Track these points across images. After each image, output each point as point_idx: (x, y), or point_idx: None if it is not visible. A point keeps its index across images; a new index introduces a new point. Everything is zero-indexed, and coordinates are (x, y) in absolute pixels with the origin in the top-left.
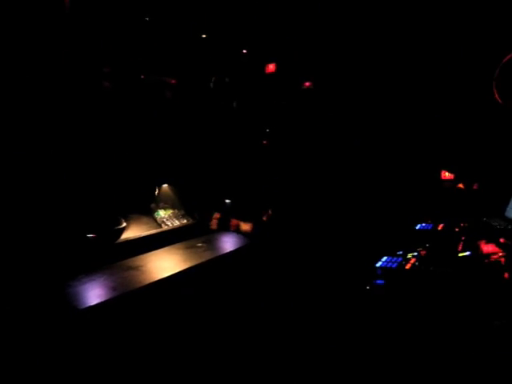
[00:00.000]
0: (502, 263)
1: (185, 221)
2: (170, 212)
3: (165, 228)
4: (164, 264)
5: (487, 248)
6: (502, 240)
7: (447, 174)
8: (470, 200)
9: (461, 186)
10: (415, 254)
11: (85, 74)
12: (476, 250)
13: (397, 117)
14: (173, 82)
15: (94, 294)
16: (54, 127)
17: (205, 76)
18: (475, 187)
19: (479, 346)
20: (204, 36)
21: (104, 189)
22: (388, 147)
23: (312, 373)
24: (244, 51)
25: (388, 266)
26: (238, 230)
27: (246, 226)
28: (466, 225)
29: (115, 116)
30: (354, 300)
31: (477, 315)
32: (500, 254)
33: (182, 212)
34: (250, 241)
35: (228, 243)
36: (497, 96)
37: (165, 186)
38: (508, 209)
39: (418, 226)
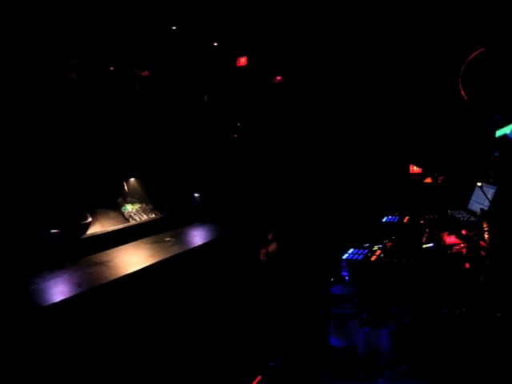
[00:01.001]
0: (464, 254)
1: (153, 215)
2: (137, 206)
3: (132, 222)
4: (131, 259)
5: (450, 239)
6: (463, 232)
7: (415, 167)
8: (437, 193)
9: (429, 180)
10: (381, 246)
11: (49, 64)
12: (439, 241)
13: (365, 112)
14: (144, 74)
15: (57, 290)
16: (14, 119)
17: (176, 68)
18: (440, 181)
19: (440, 334)
20: (174, 28)
21: (68, 183)
22: (356, 142)
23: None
24: (215, 44)
25: (354, 258)
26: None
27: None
28: (432, 217)
29: (80, 108)
30: (320, 291)
31: (439, 304)
32: (462, 245)
33: (151, 206)
34: (219, 234)
35: (197, 237)
36: (462, 92)
37: (132, 179)
38: (471, 201)
39: (384, 219)
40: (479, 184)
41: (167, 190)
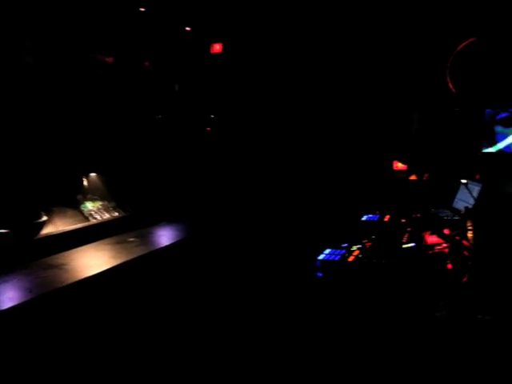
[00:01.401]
0: (446, 254)
1: (116, 214)
2: (98, 204)
3: (93, 222)
4: (91, 261)
5: (432, 239)
6: (446, 231)
7: (400, 164)
8: (421, 191)
9: (413, 177)
10: (360, 246)
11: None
12: (420, 241)
13: (346, 105)
14: (108, 60)
15: (6, 297)
16: None
17: (144, 55)
18: (425, 178)
19: (421, 336)
20: (142, 10)
21: (20, 178)
22: (337, 136)
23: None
24: (187, 29)
25: (330, 258)
26: None
27: None
28: (414, 216)
29: (35, 95)
30: (291, 293)
31: (419, 306)
32: (444, 245)
33: (113, 204)
34: (187, 234)
35: (164, 237)
36: (450, 85)
37: (93, 175)
38: (456, 200)
39: (364, 218)
40: (464, 181)
41: (132, 187)
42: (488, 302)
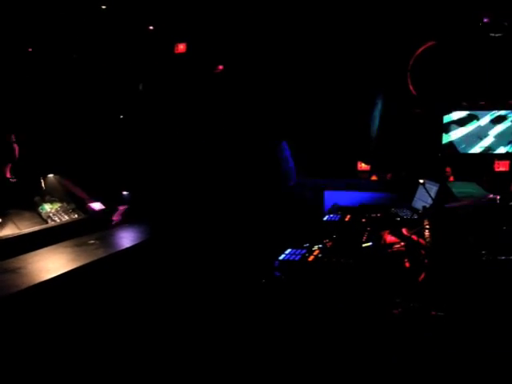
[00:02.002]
0: (404, 252)
1: (75, 216)
2: (57, 206)
3: (51, 224)
4: (48, 265)
5: (390, 238)
6: (404, 230)
7: (363, 165)
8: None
9: (374, 177)
10: (321, 245)
11: None
12: (379, 240)
13: (310, 106)
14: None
15: None
16: None
17: (107, 53)
18: (387, 178)
19: (379, 334)
20: (104, 7)
21: None
22: (299, 136)
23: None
24: (151, 28)
25: (291, 258)
26: None
27: None
28: (374, 216)
29: None
30: (249, 294)
31: (376, 304)
32: (402, 244)
33: (73, 206)
34: (149, 236)
35: (125, 239)
36: (411, 87)
37: (51, 176)
38: (415, 199)
39: (325, 218)
40: (421, 181)
41: (91, 188)
42: (442, 298)
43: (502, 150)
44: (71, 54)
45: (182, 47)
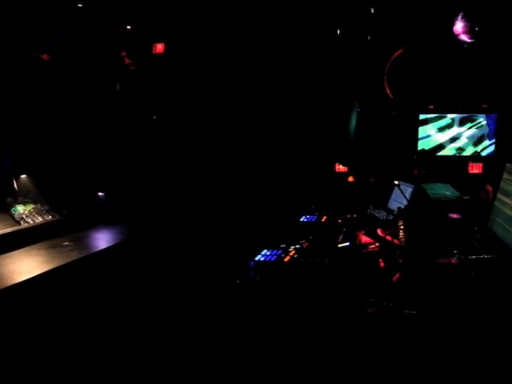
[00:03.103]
0: (379, 252)
1: (49, 217)
2: (30, 207)
3: (24, 225)
4: (20, 267)
5: (366, 238)
6: (379, 230)
7: (341, 166)
8: (360, 192)
9: (351, 178)
10: (298, 246)
11: None
12: (355, 240)
13: (288, 107)
14: (44, 57)
15: None
16: None
17: (82, 52)
18: (364, 179)
19: (353, 334)
20: (80, 5)
21: None
22: (276, 139)
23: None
24: (129, 27)
25: (267, 259)
26: None
27: None
28: (350, 216)
29: None
30: (224, 294)
31: (351, 304)
32: (377, 244)
33: (47, 207)
34: (126, 237)
35: (101, 240)
36: (388, 90)
37: (24, 176)
38: (390, 200)
39: (302, 218)
40: (396, 182)
41: (66, 189)
42: (414, 297)
43: (473, 152)
44: (45, 52)
45: (160, 47)
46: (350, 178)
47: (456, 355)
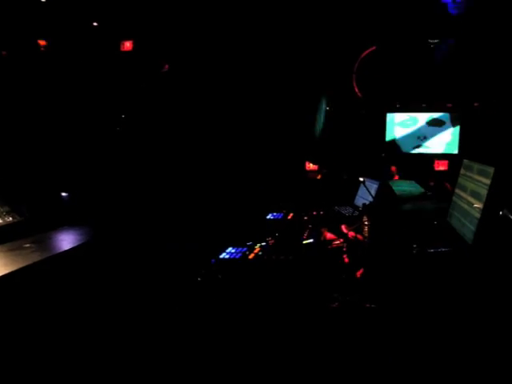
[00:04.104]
0: (344, 248)
1: (10, 218)
2: None
3: None
4: None
5: (330, 235)
6: (343, 226)
7: (311, 165)
8: (327, 189)
9: (319, 176)
10: (264, 243)
11: None
12: (319, 236)
13: (256, 106)
14: (3, 53)
15: None
16: None
17: (45, 49)
18: (331, 177)
19: (317, 329)
20: (43, 0)
21: None
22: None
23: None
24: (95, 24)
25: (232, 256)
26: None
27: None
28: (316, 213)
29: None
30: (184, 293)
31: (315, 299)
32: (342, 240)
33: (7, 208)
34: (88, 238)
35: (65, 241)
36: (356, 89)
37: None
38: (357, 197)
39: (269, 216)
40: (361, 179)
41: (28, 189)
42: (375, 292)
43: (439, 150)
44: (2, 48)
45: (128, 45)
46: (319, 176)
47: (414, 346)
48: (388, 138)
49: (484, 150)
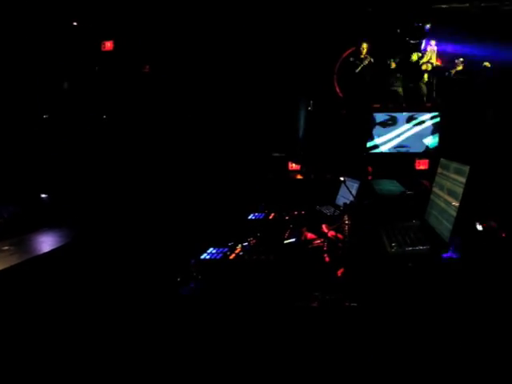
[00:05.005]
0: (324, 248)
1: None
2: None
3: None
4: None
5: (311, 234)
6: (324, 226)
7: (294, 165)
8: (309, 189)
9: (299, 176)
10: (245, 243)
11: None
12: (300, 236)
13: (238, 109)
14: None
15: None
16: None
17: (25, 49)
18: (314, 176)
19: (297, 328)
20: None
21: None
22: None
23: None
24: (75, 24)
25: (212, 257)
26: None
27: None
28: (297, 213)
29: None
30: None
31: (295, 299)
32: (322, 239)
33: None
34: (69, 240)
35: (44, 243)
36: (337, 89)
37: None
38: (338, 196)
39: (250, 216)
40: (342, 179)
41: (7, 191)
42: (356, 290)
43: (419, 149)
44: None
45: (109, 45)
46: (299, 176)
47: (394, 344)
48: (369, 137)
49: (462, 149)
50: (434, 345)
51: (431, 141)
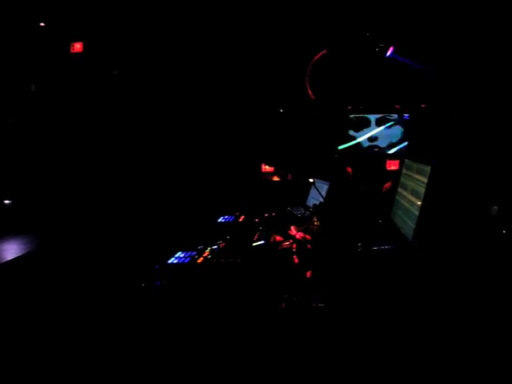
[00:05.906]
0: (293, 249)
1: None
2: None
3: None
4: None
5: (279, 236)
6: (293, 227)
7: (267, 166)
8: (281, 191)
9: (276, 178)
10: (215, 247)
11: None
12: (269, 238)
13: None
14: None
15: None
16: None
17: None
18: (289, 178)
19: (265, 330)
20: None
21: None
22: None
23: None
24: (42, 24)
25: (180, 261)
26: None
27: None
28: (267, 215)
29: None
30: (128, 299)
31: (263, 301)
32: (291, 241)
33: None
34: (36, 247)
35: (6, 252)
36: (309, 91)
37: None
38: (308, 198)
39: (220, 219)
40: (311, 180)
41: None
42: (323, 291)
43: (391, 150)
44: None
45: (78, 46)
46: (275, 178)
47: (363, 344)
48: (341, 138)
49: (428, 150)
50: (402, 343)
51: (401, 141)
